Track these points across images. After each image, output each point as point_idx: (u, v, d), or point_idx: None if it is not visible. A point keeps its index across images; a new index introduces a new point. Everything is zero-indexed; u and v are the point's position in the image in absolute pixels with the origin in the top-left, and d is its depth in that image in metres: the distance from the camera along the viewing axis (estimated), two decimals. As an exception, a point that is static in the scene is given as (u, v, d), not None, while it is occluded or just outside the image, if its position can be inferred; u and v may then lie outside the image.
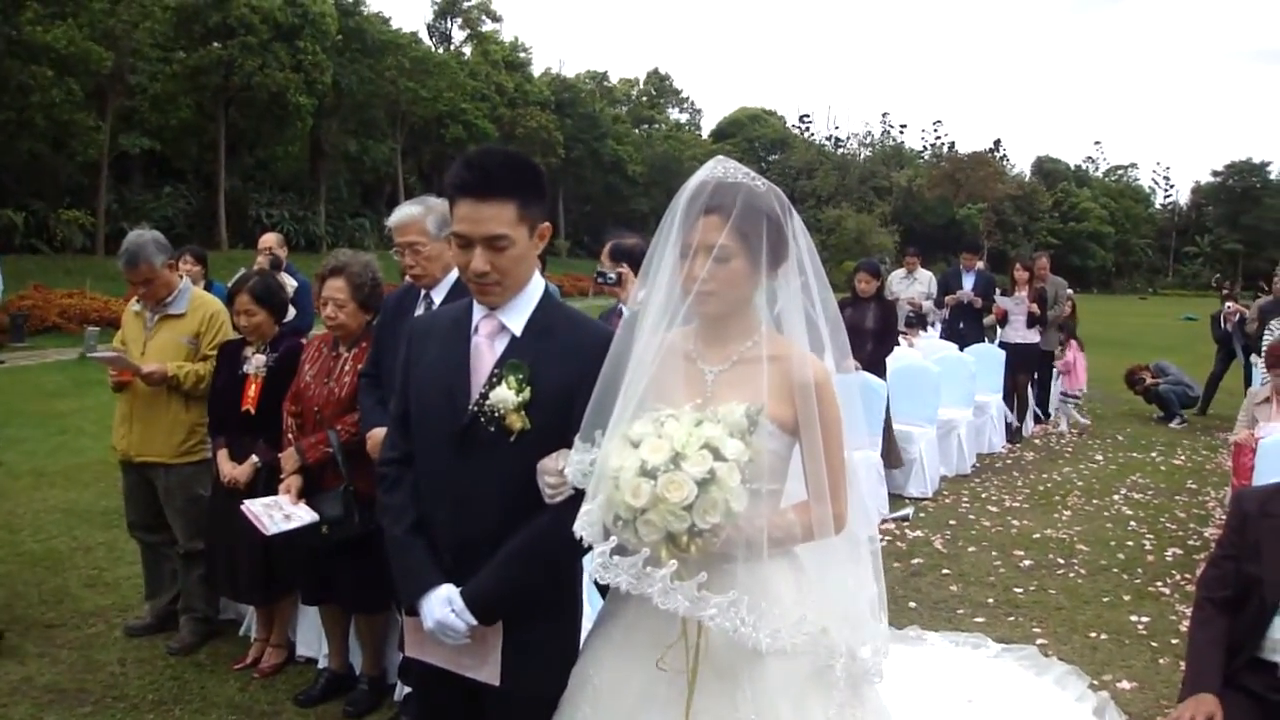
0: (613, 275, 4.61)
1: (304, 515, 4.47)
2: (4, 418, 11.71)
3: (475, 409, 2.63)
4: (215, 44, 32.26)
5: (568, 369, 2.61)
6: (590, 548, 2.35)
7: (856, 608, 2.51)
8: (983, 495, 9.38)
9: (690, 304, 2.43)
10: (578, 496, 2.43)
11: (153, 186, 32.54)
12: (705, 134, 75.78)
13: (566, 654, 2.68)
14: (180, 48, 31.72)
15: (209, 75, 31.78)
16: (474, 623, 2.64)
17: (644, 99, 72.94)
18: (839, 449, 2.47)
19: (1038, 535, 8.06)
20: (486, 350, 2.70)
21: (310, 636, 5.26)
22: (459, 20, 53.45)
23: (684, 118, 77.12)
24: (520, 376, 2.60)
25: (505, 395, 2.59)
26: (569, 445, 2.48)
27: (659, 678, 2.41)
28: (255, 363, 5.01)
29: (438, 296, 4.12)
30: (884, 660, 2.55)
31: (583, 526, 2.33)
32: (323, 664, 5.10)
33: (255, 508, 4.51)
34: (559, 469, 2.53)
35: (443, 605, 2.65)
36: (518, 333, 2.69)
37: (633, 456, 2.23)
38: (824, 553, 2.52)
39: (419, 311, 4.09)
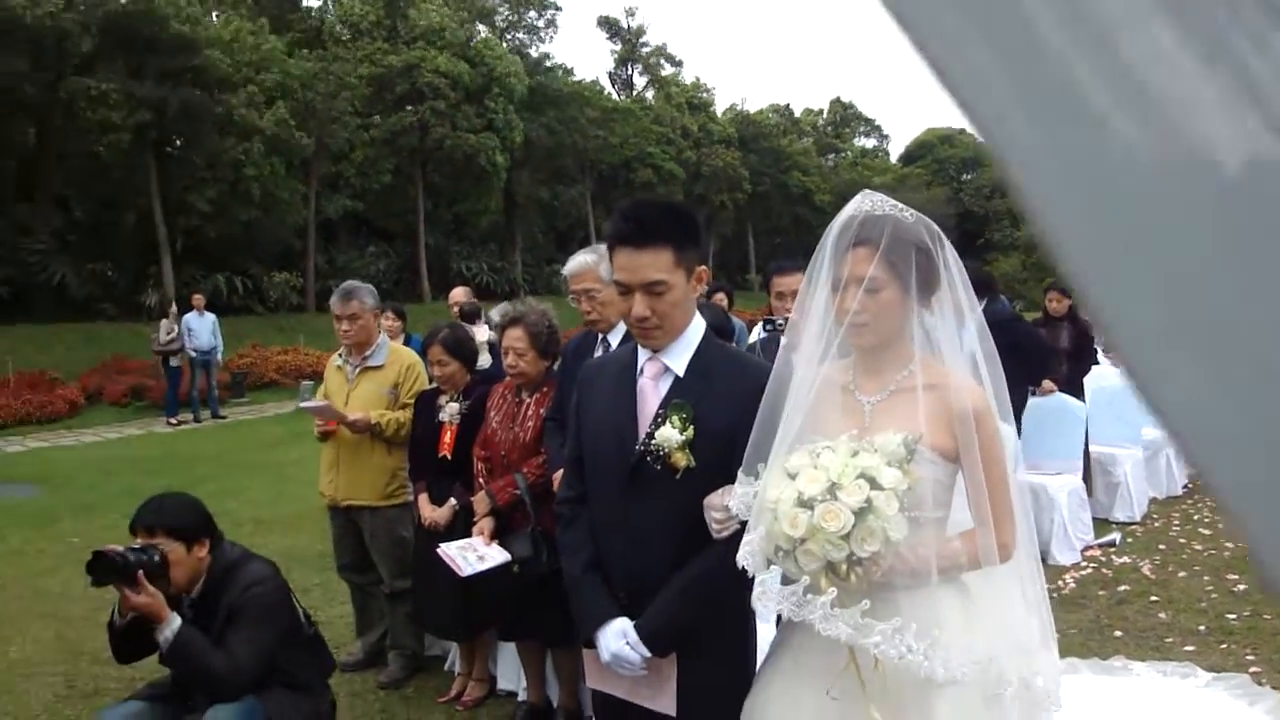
0: (781, 320, 4.66)
1: (496, 556, 4.66)
2: (228, 468, 12.46)
3: (642, 448, 2.73)
4: (408, 108, 33.61)
5: (729, 407, 2.68)
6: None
7: (1026, 636, 2.49)
8: (1195, 517, 8.92)
9: (844, 336, 2.46)
10: (744, 530, 2.47)
11: (358, 246, 34.03)
12: (894, 158, 74.75)
13: (739, 684, 2.72)
14: (376, 113, 33.15)
15: (405, 138, 33.12)
16: (648, 654, 2.74)
17: (829, 128, 72.51)
18: (1001, 476, 2.45)
19: (1254, 558, 7.67)
20: (651, 392, 2.81)
21: (510, 670, 5.45)
22: (639, 66, 54.41)
23: (870, 143, 76.25)
24: (684, 416, 2.70)
25: (670, 434, 2.69)
26: (733, 481, 2.53)
27: (829, 706, 2.42)
28: (450, 410, 5.26)
29: (614, 339, 4.24)
30: (1058, 689, 2.52)
31: (744, 557, 2.38)
32: (522, 697, 5.28)
33: (450, 550, 4.72)
34: (724, 504, 2.58)
35: (618, 638, 2.76)
36: (681, 373, 2.79)
37: (790, 488, 2.27)
38: (991, 580, 2.51)
39: (597, 354, 4.23)
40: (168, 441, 16.70)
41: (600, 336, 4.36)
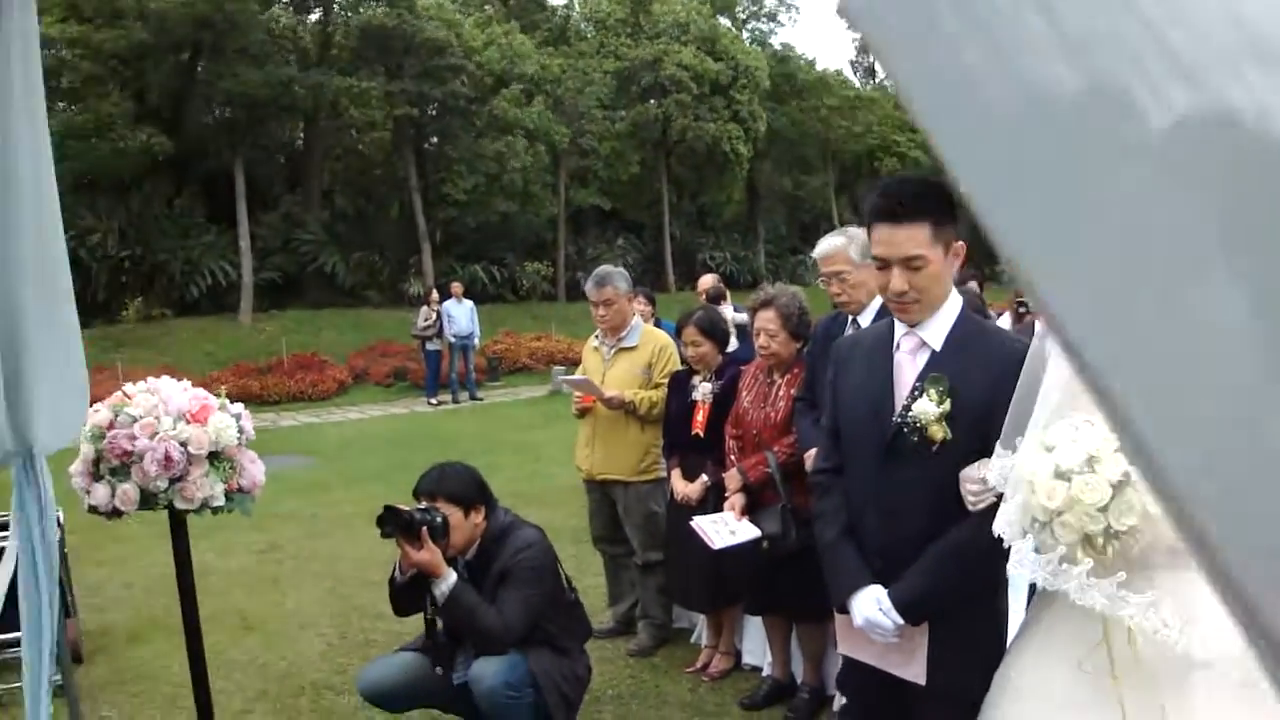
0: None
1: (747, 531, 4.75)
2: (486, 447, 12.99)
3: (899, 421, 2.79)
4: (652, 101, 34.03)
5: (986, 380, 2.70)
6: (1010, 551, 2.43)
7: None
8: None
9: None
10: (999, 503, 2.48)
11: (606, 238, 34.69)
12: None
13: (990, 655, 2.71)
14: (621, 107, 33.72)
15: (649, 131, 33.56)
16: (900, 622, 2.80)
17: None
18: None
19: None
20: (908, 365, 2.87)
21: (756, 645, 5.54)
22: (881, 53, 53.17)
23: None
24: (941, 389, 2.74)
25: (927, 407, 2.74)
26: (989, 454, 2.54)
27: (1082, 680, 2.40)
28: (703, 390, 5.40)
29: (865, 321, 4.25)
30: None
31: (1001, 526, 2.39)
32: (766, 671, 5.36)
33: (703, 524, 4.85)
34: (981, 477, 2.60)
35: (871, 604, 2.83)
36: (937, 348, 2.83)
37: (1048, 460, 2.26)
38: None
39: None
40: (428, 420, 17.54)
41: (850, 319, 4.39)
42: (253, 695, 5.56)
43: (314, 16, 27.96)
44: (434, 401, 19.23)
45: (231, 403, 3.71)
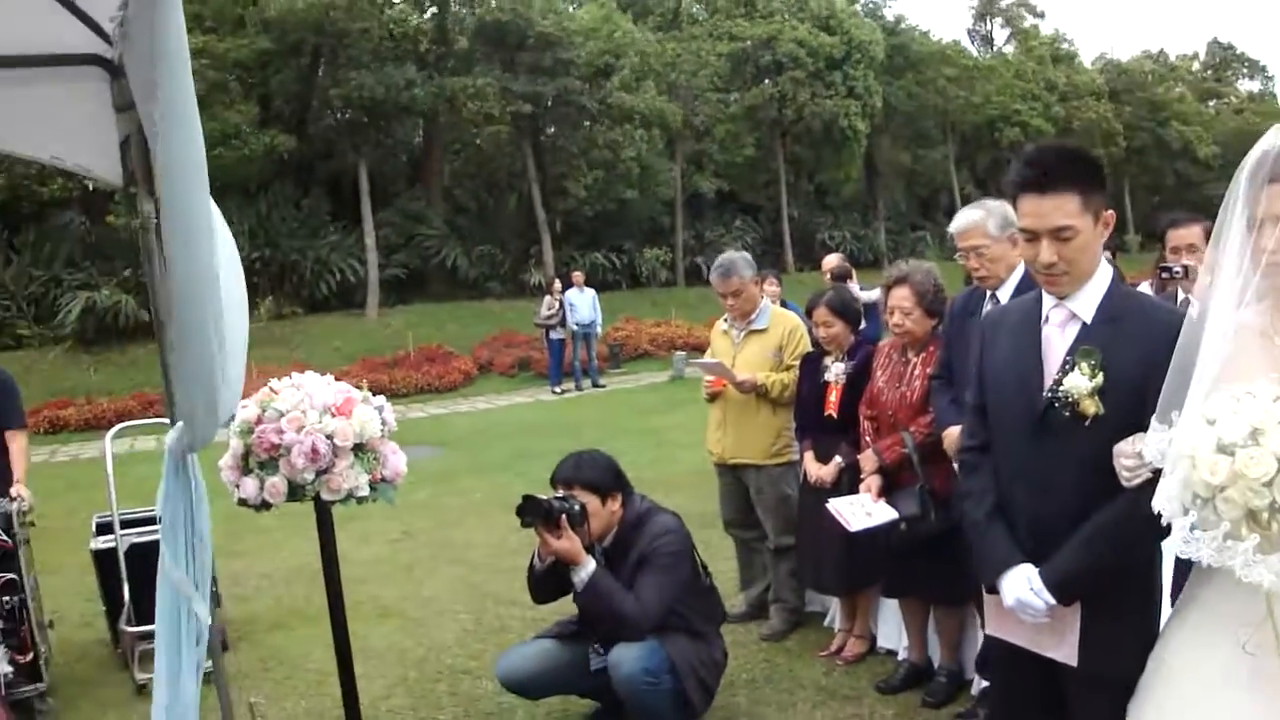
0: (1179, 268, 4.43)
1: (884, 513, 4.70)
2: (610, 433, 13.07)
3: (1049, 396, 2.71)
4: (767, 81, 33.75)
5: (1139, 353, 2.62)
6: (1168, 529, 2.35)
7: None
8: None
9: (1260, 277, 2.32)
10: (1155, 479, 2.39)
11: (723, 221, 34.57)
12: (1286, 100, 67.21)
13: (1144, 637, 2.64)
14: (736, 89, 33.53)
15: (764, 111, 33.32)
16: (1052, 601, 2.73)
17: (1207, 72, 66.22)
18: None
19: None
20: (1058, 339, 2.78)
21: (891, 629, 5.47)
22: (999, 20, 51.94)
23: (1255, 87, 68.83)
24: (1093, 362, 2.65)
25: (1078, 381, 2.65)
26: (1143, 429, 2.44)
27: (1240, 660, 2.31)
28: (835, 371, 5.35)
29: (1003, 296, 4.14)
30: None
31: (1161, 503, 2.29)
32: (902, 655, 5.29)
33: (840, 506, 4.81)
34: (1136, 452, 2.51)
35: (1022, 583, 2.76)
36: (1088, 320, 2.75)
37: (1209, 433, 2.17)
38: None
39: (985, 310, 4.18)
40: (553, 408, 17.75)
41: (989, 293, 4.29)
42: (392, 681, 5.68)
43: (430, 13, 28.27)
44: (558, 390, 19.41)
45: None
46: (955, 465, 4.27)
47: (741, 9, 34.64)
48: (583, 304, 19.18)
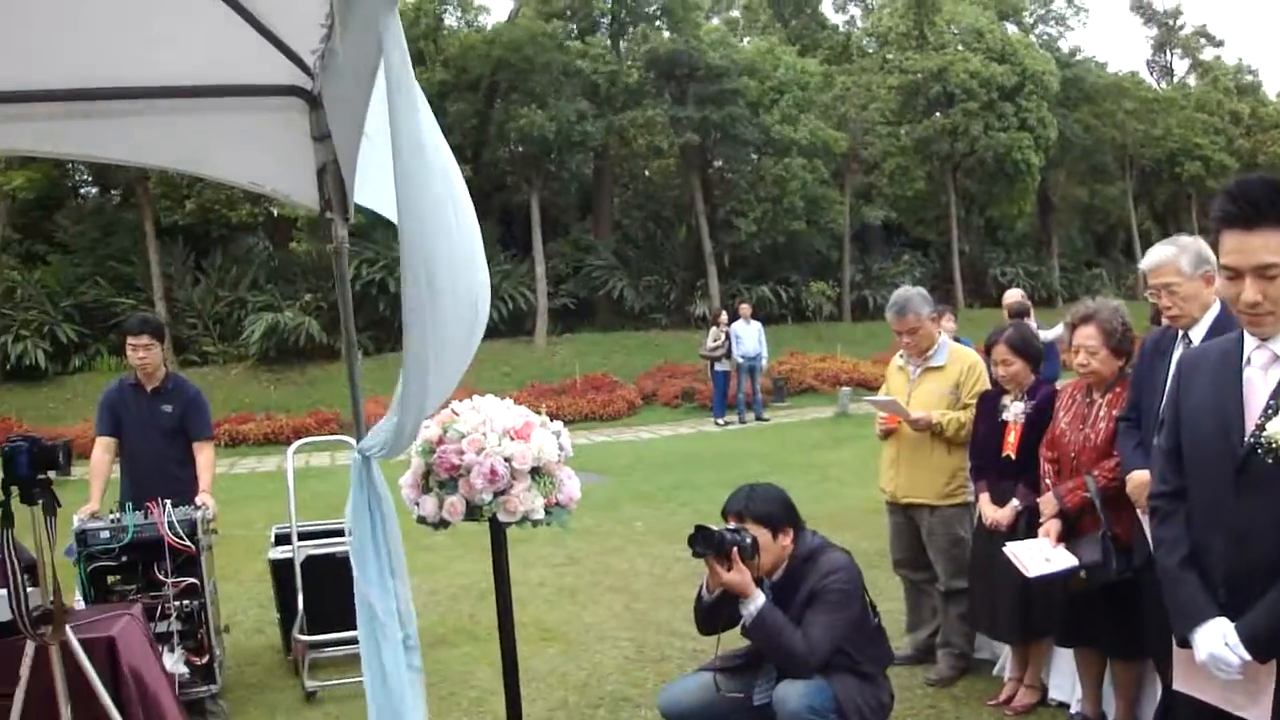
0: None
1: (1063, 559, 4.55)
2: (774, 467, 13.01)
3: (1251, 442, 2.59)
4: (938, 114, 33.24)
5: None
6: None
7: None
8: None
9: None
10: None
11: (892, 255, 34.13)
12: None
13: None
14: (906, 121, 33.10)
15: (935, 144, 32.81)
16: (1247, 658, 2.60)
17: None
18: None
19: None
20: (1260, 382, 2.66)
21: (1064, 680, 5.29)
22: (1178, 51, 49.98)
23: None
24: (1304, 406, 2.54)
25: (1283, 427, 2.54)
26: None
27: None
28: (1014, 410, 5.22)
29: (1196, 336, 4.00)
30: None
31: None
32: (1075, 709, 5.11)
33: (1018, 550, 4.68)
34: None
35: (1216, 638, 2.64)
36: (1294, 362, 2.63)
37: None
38: None
39: (1177, 353, 4.04)
40: (716, 440, 17.73)
41: (1180, 333, 4.13)
42: (554, 704, 5.74)
43: (603, 45, 28.74)
44: (721, 422, 19.40)
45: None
46: (1140, 512, 4.13)
47: (913, 41, 34.21)
48: (748, 336, 19.15)
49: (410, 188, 2.17)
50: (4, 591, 3.70)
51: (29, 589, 3.73)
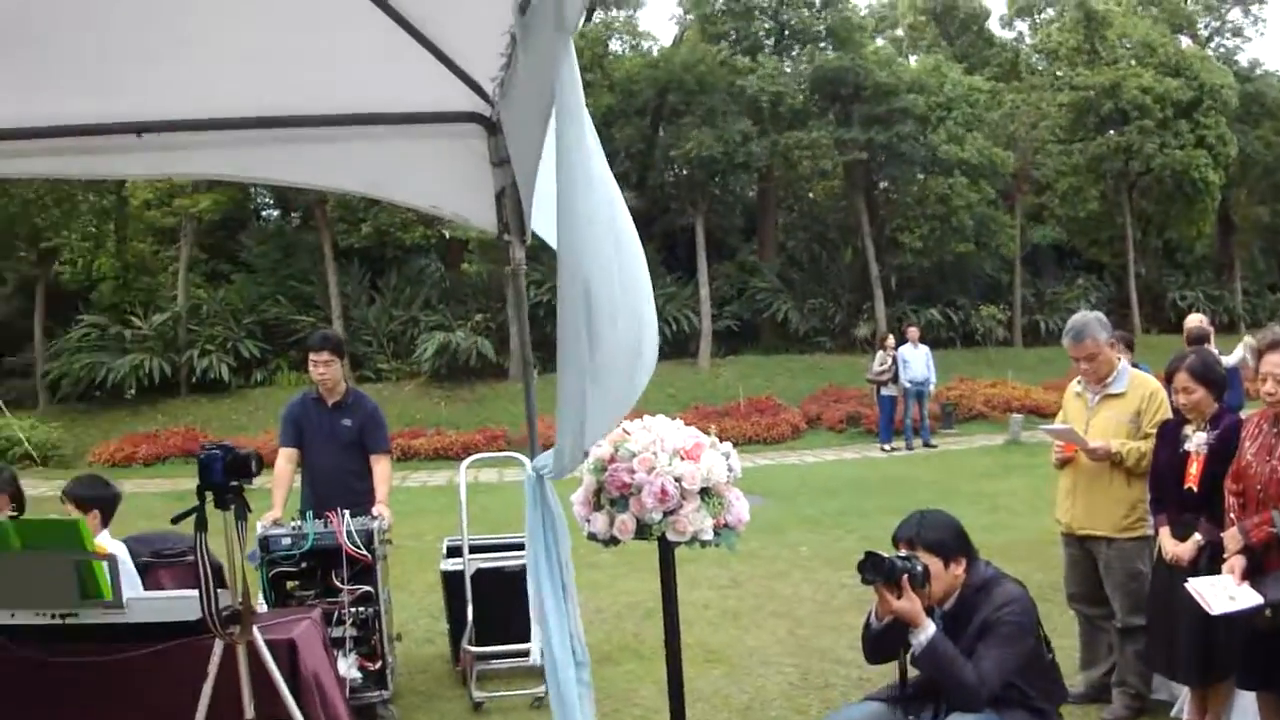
0: None
1: (1248, 597, 4.38)
2: (941, 495, 12.75)
3: None
4: (1111, 131, 32.18)
5: None
6: None
7: None
8: None
9: None
10: None
11: (1064, 279, 33.15)
12: None
13: None
14: (1078, 140, 32.13)
15: (1109, 162, 31.75)
16: None
17: None
18: None
19: None
20: None
21: (1247, 724, 5.08)
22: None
23: None
24: None
25: None
26: None
27: None
28: (1196, 441, 5.03)
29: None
30: None
31: None
32: (1261, 754, 4.89)
33: (1201, 586, 4.52)
34: None
35: None
36: None
37: None
38: None
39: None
40: (882, 466, 17.50)
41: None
42: (717, 726, 5.75)
43: (772, 65, 28.73)
44: (887, 447, 19.14)
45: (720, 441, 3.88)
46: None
47: (1083, 56, 33.18)
48: (916, 361, 18.85)
49: (573, 214, 2.22)
50: (195, 592, 3.87)
51: (218, 590, 3.91)
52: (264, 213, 31.66)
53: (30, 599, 3.93)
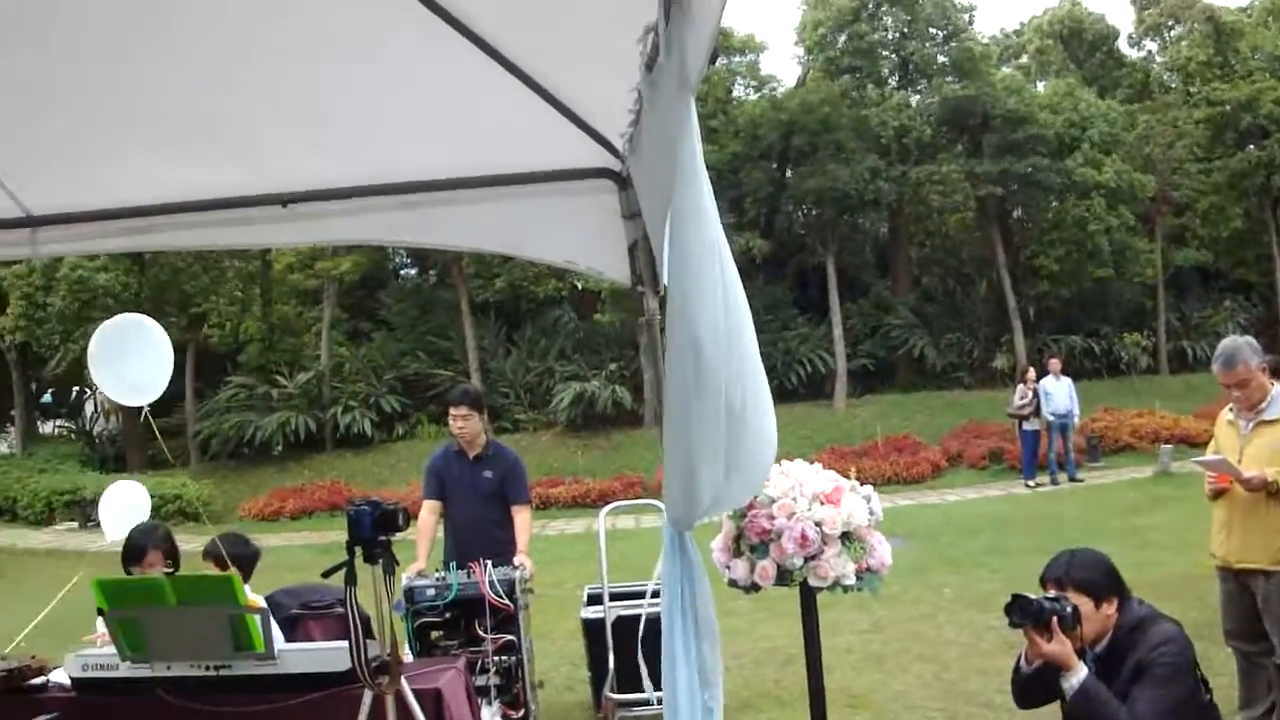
0: None
1: None
2: (1089, 532, 12.40)
3: None
4: (1250, 146, 31.04)
5: None
6: None
7: None
8: None
9: None
10: None
11: (1210, 301, 32.02)
12: None
13: None
14: (1216, 157, 31.09)
15: (1250, 179, 30.62)
16: None
17: None
18: None
19: None
20: None
21: None
22: None
23: None
24: None
25: None
26: None
27: None
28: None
29: None
30: None
31: None
32: None
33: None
34: None
35: None
36: None
37: None
38: None
39: None
40: (1026, 502, 17.11)
41: None
42: (864, 772, 5.68)
43: (899, 98, 28.58)
44: (1031, 483, 18.69)
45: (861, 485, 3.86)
46: None
47: (1215, 71, 32.12)
48: (1059, 393, 18.40)
49: (685, 264, 2.25)
50: (345, 643, 3.97)
51: (366, 641, 4.01)
52: (402, 272, 32.67)
53: (186, 651, 4.07)
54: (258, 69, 3.09)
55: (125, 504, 10.00)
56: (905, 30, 29.82)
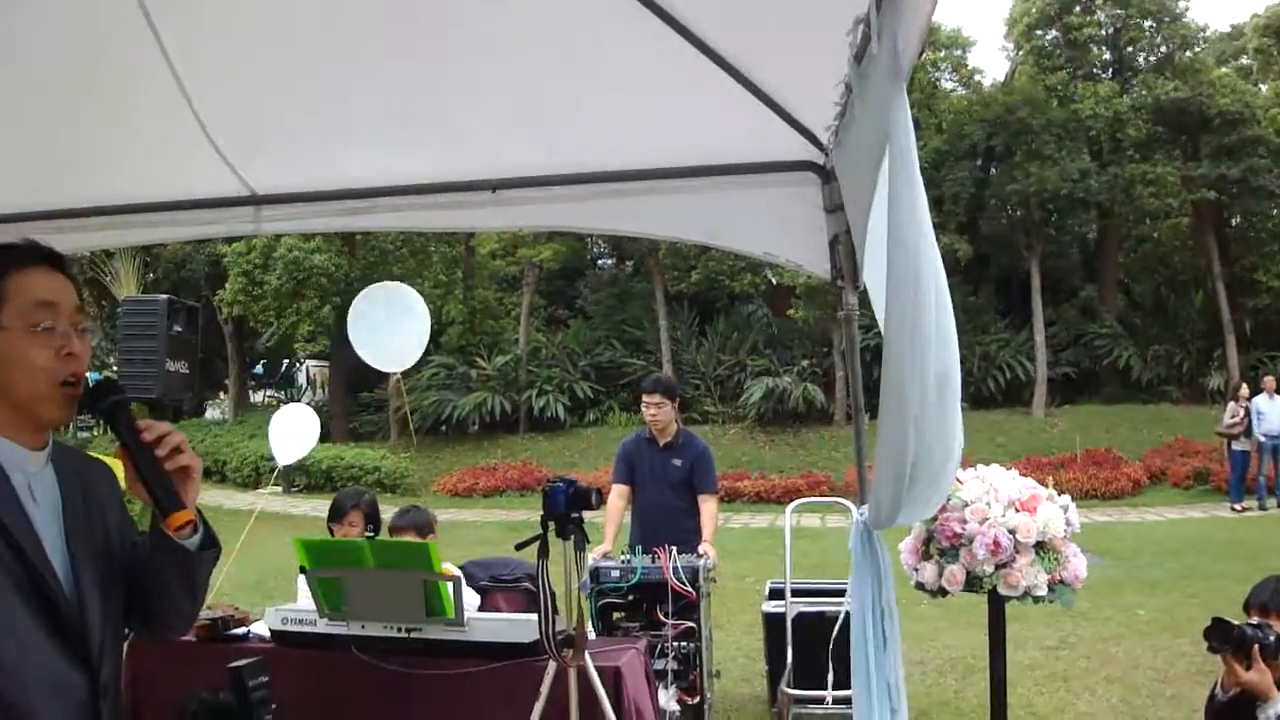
0: None
1: None
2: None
3: None
4: None
5: None
6: None
7: None
8: None
9: None
10: None
11: None
12: None
13: None
14: None
15: None
16: None
17: None
18: None
19: None
20: None
21: None
22: None
23: None
24: None
25: None
26: None
27: None
28: None
29: None
30: None
31: None
32: None
33: None
34: None
35: None
36: None
37: None
38: None
39: None
40: (1231, 526, 16.28)
41: None
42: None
43: (1104, 92, 27.45)
44: (1238, 507, 17.74)
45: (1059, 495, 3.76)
46: None
47: None
48: (1273, 413, 17.40)
49: (903, 263, 2.20)
50: (533, 616, 4.07)
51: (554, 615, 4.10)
52: (599, 262, 33.23)
53: (380, 612, 4.26)
54: (476, 68, 3.21)
55: (293, 427, 10.45)
56: (1118, 26, 28.63)
